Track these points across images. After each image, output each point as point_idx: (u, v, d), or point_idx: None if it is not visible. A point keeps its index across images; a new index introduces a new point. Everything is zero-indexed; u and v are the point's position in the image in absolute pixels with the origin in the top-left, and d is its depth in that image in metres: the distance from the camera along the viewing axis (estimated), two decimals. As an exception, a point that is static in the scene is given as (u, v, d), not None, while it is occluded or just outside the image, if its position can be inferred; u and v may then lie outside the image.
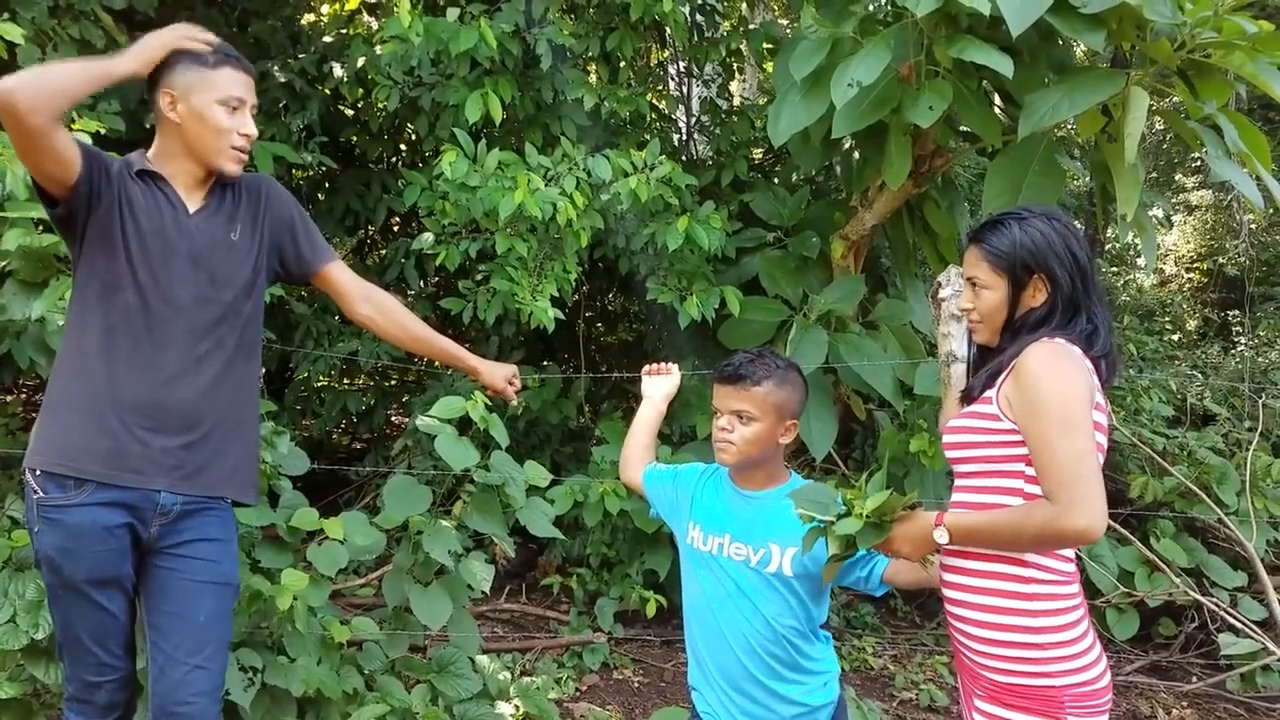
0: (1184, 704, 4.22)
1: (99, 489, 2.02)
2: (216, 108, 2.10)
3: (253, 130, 2.17)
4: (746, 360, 2.08)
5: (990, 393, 1.77)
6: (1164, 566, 4.30)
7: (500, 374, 2.65)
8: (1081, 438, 1.63)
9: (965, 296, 1.91)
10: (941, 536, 1.71)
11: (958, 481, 1.89)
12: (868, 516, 1.71)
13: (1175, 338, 9.30)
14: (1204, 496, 4.47)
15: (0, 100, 1.81)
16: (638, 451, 2.47)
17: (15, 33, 2.93)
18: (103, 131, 2.96)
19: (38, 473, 2.03)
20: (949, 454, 1.88)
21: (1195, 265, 11.89)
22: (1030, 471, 1.71)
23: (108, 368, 2.04)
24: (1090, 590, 4.38)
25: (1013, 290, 1.82)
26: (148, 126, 4.16)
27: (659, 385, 2.55)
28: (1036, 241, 1.79)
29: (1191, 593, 4.20)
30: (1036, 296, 1.80)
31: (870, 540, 1.73)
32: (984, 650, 1.77)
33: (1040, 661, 1.71)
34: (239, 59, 2.16)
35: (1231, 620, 4.13)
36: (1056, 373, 1.67)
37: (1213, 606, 4.17)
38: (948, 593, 1.86)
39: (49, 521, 2.02)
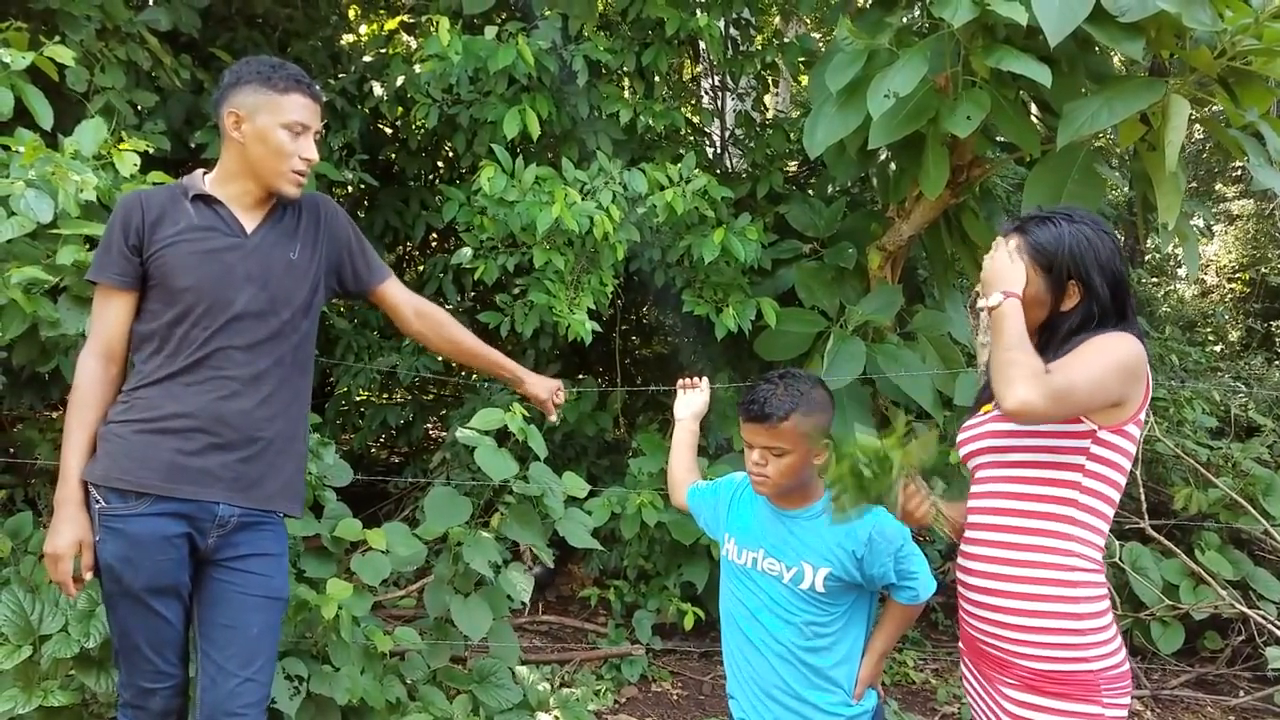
0: (1231, 718, 4.16)
1: (159, 500, 2.05)
2: (280, 131, 2.14)
3: (314, 155, 2.21)
4: (770, 394, 1.99)
5: None
6: (1209, 579, 4.24)
7: (546, 387, 2.69)
8: (1103, 372, 1.68)
9: None
10: (996, 297, 1.76)
11: (996, 471, 1.85)
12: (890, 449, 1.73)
13: (1218, 348, 9.18)
14: (1249, 508, 4.40)
15: None
16: (680, 474, 2.49)
17: (65, 55, 2.99)
18: (150, 151, 3.01)
19: (99, 485, 2.07)
20: (995, 440, 1.83)
21: (1237, 275, 11.74)
22: (1091, 467, 1.72)
23: (168, 384, 2.09)
24: (1135, 603, 4.33)
25: (1051, 291, 1.80)
26: (192, 146, 4.30)
27: (688, 404, 2.56)
28: (1082, 246, 1.78)
29: (1238, 605, 4.14)
30: (1068, 302, 1.80)
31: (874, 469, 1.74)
32: (1019, 639, 1.76)
33: (1080, 647, 1.71)
34: (310, 85, 2.20)
35: (1279, 633, 4.06)
36: (1125, 342, 1.72)
37: (1260, 619, 4.10)
38: (975, 581, 1.84)
39: (110, 530, 2.05)
